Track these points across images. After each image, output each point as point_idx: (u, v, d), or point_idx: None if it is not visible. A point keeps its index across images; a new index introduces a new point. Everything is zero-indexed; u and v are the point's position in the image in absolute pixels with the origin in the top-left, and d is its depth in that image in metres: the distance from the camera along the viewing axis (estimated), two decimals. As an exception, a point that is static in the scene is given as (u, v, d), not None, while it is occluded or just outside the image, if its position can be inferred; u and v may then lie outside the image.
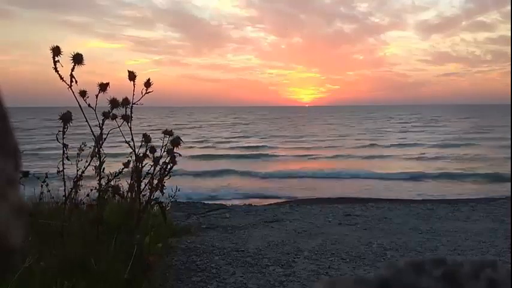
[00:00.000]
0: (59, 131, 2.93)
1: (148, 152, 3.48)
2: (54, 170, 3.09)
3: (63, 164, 3.00)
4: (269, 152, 25.41)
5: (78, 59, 2.85)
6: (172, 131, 3.40)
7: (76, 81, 2.91)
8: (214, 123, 64.32)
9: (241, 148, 27.70)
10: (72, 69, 2.86)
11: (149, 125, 45.40)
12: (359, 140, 32.20)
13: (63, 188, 3.08)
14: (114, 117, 3.29)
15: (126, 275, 2.91)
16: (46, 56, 2.81)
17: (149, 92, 3.34)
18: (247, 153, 24.44)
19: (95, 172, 3.20)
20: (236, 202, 10.33)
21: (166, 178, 3.59)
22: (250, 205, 8.67)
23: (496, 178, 14.59)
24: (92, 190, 3.38)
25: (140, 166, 3.49)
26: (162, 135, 3.40)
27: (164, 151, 3.42)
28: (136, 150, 3.44)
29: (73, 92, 2.94)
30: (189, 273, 4.09)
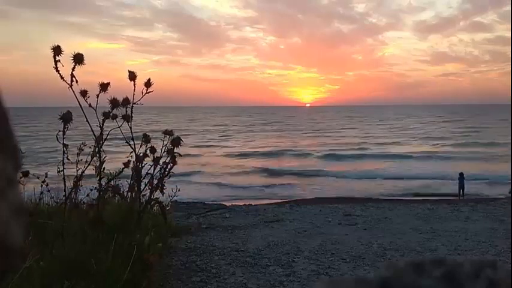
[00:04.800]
0: (59, 131, 2.93)
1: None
2: (55, 170, 3.09)
3: (63, 163, 3.00)
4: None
5: (78, 58, 2.85)
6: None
7: (77, 81, 2.91)
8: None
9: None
10: (73, 69, 2.86)
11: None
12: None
13: (63, 188, 3.08)
14: (115, 117, 3.29)
15: (126, 275, 2.91)
16: (46, 56, 2.81)
17: (149, 92, 3.35)
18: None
19: (95, 172, 3.20)
20: (236, 202, 10.34)
21: (166, 178, 3.59)
22: (250, 205, 8.67)
23: None
24: (92, 190, 3.37)
25: (140, 166, 3.49)
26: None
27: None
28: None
29: (73, 92, 2.94)
30: (189, 273, 4.09)
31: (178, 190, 4.12)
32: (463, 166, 19.20)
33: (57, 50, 2.80)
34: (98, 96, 3.04)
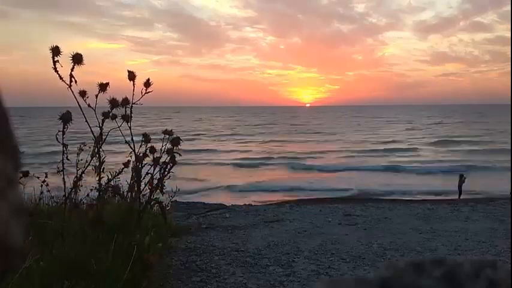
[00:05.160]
0: (59, 131, 2.93)
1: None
2: (54, 170, 3.09)
3: (62, 164, 3.00)
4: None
5: (77, 59, 2.85)
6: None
7: (76, 81, 2.91)
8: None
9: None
10: (72, 69, 2.86)
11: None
12: None
13: (63, 188, 3.08)
14: (114, 117, 3.29)
15: (126, 275, 2.91)
16: (46, 56, 2.81)
17: (149, 91, 3.35)
18: None
19: (95, 172, 3.20)
20: (236, 202, 10.32)
21: (166, 178, 3.59)
22: (250, 205, 8.67)
23: None
24: (91, 190, 3.37)
25: (140, 166, 3.49)
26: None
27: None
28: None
29: (73, 92, 2.94)
30: (189, 273, 4.09)
31: (178, 190, 4.12)
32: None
33: (55, 51, 2.80)
34: (97, 96, 3.04)
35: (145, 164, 3.55)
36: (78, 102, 3.00)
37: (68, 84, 2.89)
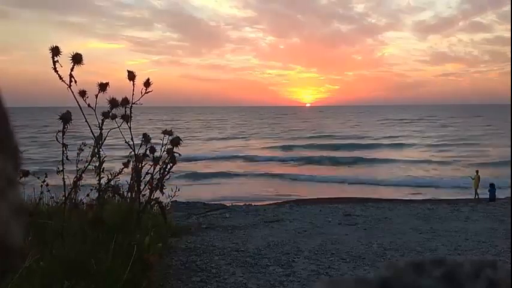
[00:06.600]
0: (59, 131, 2.93)
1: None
2: (54, 170, 3.09)
3: (62, 164, 3.00)
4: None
5: (77, 59, 2.85)
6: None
7: (75, 81, 2.91)
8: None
9: None
10: (72, 69, 2.86)
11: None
12: None
13: (63, 188, 3.08)
14: (114, 117, 3.29)
15: (126, 275, 2.91)
16: (46, 56, 2.81)
17: (149, 91, 3.35)
18: None
19: (95, 172, 3.19)
20: (236, 202, 10.34)
21: (166, 178, 3.59)
22: (250, 205, 8.68)
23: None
24: (91, 190, 3.37)
25: (140, 166, 3.49)
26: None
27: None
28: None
29: (72, 92, 2.94)
30: (189, 273, 4.09)
31: (178, 190, 4.13)
32: None
33: (55, 51, 2.79)
34: (96, 96, 3.04)
35: (145, 164, 3.54)
36: (78, 103, 3.00)
37: (67, 84, 2.89)
